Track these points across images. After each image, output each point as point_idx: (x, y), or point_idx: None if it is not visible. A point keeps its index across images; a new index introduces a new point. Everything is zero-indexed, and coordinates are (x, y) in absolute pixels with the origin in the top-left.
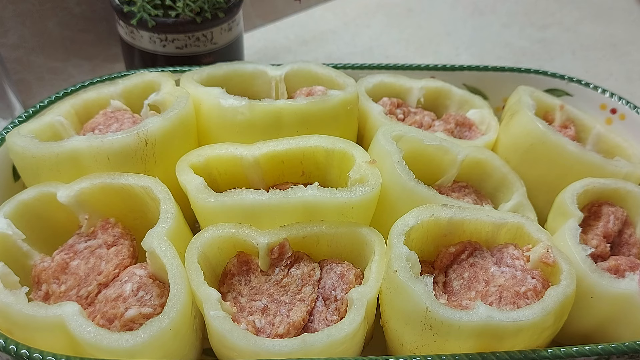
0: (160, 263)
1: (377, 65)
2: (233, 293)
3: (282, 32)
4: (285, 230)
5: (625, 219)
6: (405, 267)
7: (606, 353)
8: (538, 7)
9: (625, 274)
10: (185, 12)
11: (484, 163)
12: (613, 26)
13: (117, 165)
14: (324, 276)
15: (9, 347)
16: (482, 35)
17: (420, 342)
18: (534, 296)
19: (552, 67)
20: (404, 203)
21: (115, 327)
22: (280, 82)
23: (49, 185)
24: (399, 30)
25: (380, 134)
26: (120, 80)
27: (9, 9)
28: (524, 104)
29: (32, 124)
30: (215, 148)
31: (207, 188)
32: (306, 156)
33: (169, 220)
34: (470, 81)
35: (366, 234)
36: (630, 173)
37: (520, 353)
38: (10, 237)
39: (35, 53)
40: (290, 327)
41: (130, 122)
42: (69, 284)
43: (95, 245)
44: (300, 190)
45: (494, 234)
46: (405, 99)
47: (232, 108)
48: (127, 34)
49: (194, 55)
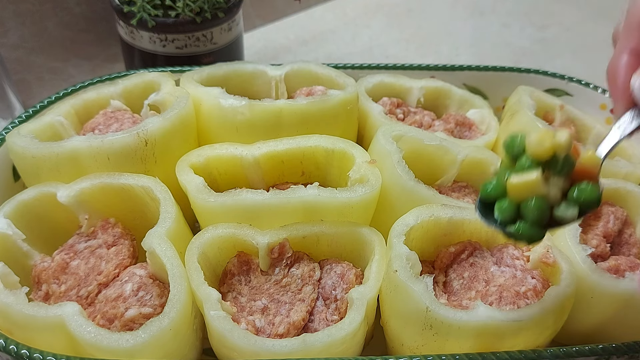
0: (160, 263)
1: (377, 65)
2: (233, 293)
3: (282, 32)
4: (285, 230)
5: (625, 219)
6: (405, 267)
7: (606, 353)
8: (538, 7)
9: (625, 274)
10: (185, 12)
11: (484, 163)
12: (613, 26)
13: (117, 165)
14: (324, 276)
15: (9, 347)
16: (482, 35)
17: (420, 342)
18: (534, 296)
19: (552, 67)
20: (404, 203)
21: (115, 327)
22: (280, 82)
23: (49, 185)
24: (399, 30)
25: (380, 134)
26: (120, 80)
27: (9, 9)
28: (524, 104)
29: (32, 124)
30: (215, 148)
31: (207, 188)
32: (306, 156)
33: (169, 220)
34: (470, 81)
35: (366, 234)
36: (630, 173)
37: (520, 353)
38: (10, 237)
39: (35, 53)
40: (290, 327)
41: (130, 122)
42: (69, 284)
43: (95, 245)
44: (300, 190)
45: (494, 233)
46: (405, 99)
47: (232, 108)
48: (127, 34)
49: (194, 55)
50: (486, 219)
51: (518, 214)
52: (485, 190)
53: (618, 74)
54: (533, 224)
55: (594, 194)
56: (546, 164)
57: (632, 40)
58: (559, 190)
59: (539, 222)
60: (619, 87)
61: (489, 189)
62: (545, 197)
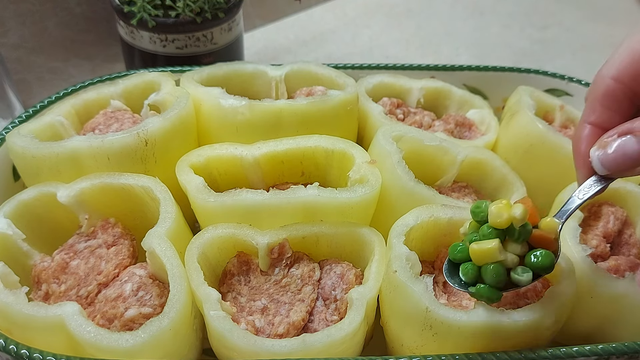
0: (160, 263)
1: (377, 65)
2: (233, 293)
3: (282, 32)
4: (285, 230)
5: (625, 219)
6: (405, 267)
7: (606, 353)
8: (538, 8)
9: (625, 274)
10: (185, 12)
11: (484, 163)
12: (613, 26)
13: (117, 165)
14: (324, 276)
15: (9, 347)
16: (482, 35)
17: (420, 342)
18: (534, 296)
19: (552, 67)
20: (404, 203)
21: (115, 327)
22: (280, 83)
23: (49, 185)
24: (399, 30)
25: (380, 134)
26: (120, 80)
27: (9, 9)
28: (524, 104)
29: (32, 124)
30: (215, 148)
31: (207, 188)
32: (306, 156)
33: (169, 220)
34: (470, 81)
35: (366, 234)
36: None
37: (520, 353)
38: (10, 237)
39: (35, 53)
40: (290, 327)
41: (130, 122)
42: (69, 284)
43: (95, 245)
44: (300, 190)
45: None
46: (405, 99)
47: (232, 108)
48: (127, 34)
49: (194, 55)
50: (452, 278)
51: (480, 276)
52: (453, 251)
53: (580, 144)
54: (491, 286)
55: (547, 260)
56: (505, 232)
57: (593, 114)
58: (517, 256)
59: (497, 285)
60: (580, 157)
61: (456, 252)
62: (502, 263)
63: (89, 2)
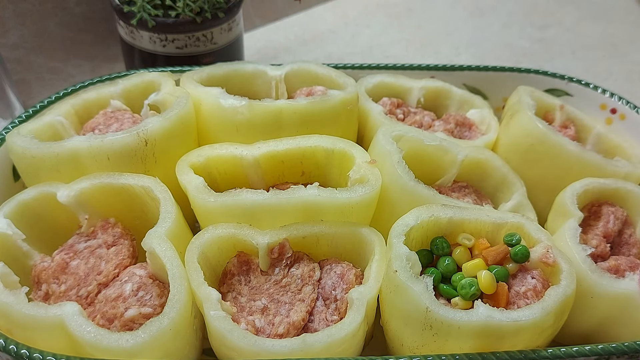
0: (160, 263)
1: (377, 65)
2: (233, 293)
3: (282, 32)
4: (285, 230)
5: (625, 219)
6: (405, 267)
7: (606, 353)
8: (538, 7)
9: (625, 274)
10: (185, 12)
11: (484, 163)
12: (613, 26)
13: (117, 165)
14: (324, 276)
15: (9, 347)
16: (482, 35)
17: (420, 342)
18: (534, 296)
19: (552, 67)
20: (404, 203)
21: (115, 327)
22: (280, 82)
23: (49, 185)
24: (399, 30)
25: (380, 134)
26: (120, 80)
27: (9, 9)
28: (524, 104)
29: (32, 124)
30: (215, 148)
31: (207, 188)
32: (306, 156)
33: (169, 220)
34: (470, 81)
35: (366, 234)
36: (630, 173)
37: (520, 353)
38: (10, 237)
39: (35, 53)
40: (290, 327)
41: (130, 122)
42: (68, 284)
43: (95, 245)
44: (300, 190)
45: (494, 233)
46: (405, 99)
47: (232, 108)
48: (127, 34)
49: (194, 55)
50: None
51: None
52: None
53: None
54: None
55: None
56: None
57: None
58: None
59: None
60: None
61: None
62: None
63: (88, 2)
